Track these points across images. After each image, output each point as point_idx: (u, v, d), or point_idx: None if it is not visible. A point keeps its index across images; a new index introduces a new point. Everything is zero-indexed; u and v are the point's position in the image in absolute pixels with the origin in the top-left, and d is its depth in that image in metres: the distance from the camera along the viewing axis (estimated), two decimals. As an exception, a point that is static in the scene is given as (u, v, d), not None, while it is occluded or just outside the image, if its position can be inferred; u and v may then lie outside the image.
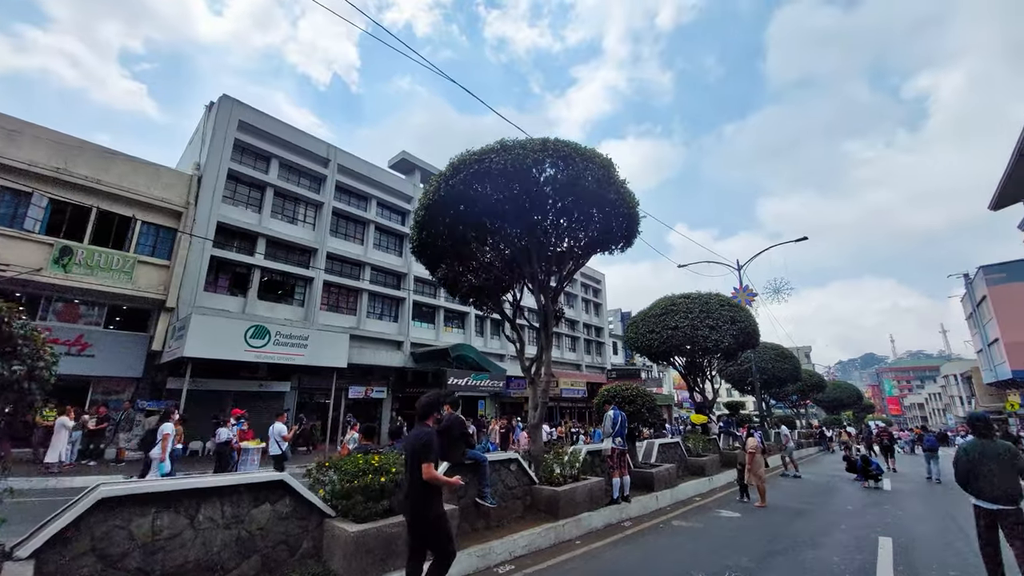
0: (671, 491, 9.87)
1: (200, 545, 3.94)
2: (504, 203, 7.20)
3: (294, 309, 20.34)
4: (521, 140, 6.53)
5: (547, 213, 7.43)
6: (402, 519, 4.66)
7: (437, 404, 4.17)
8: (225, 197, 18.72)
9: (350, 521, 4.53)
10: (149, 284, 16.15)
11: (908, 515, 9.16)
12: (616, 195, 7.00)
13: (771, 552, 6.50)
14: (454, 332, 27.80)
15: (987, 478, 4.61)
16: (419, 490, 3.70)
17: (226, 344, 14.40)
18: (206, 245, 17.30)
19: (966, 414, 22.58)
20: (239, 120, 19.15)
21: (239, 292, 18.96)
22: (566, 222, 7.67)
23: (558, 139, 6.52)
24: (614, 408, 8.74)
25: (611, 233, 7.96)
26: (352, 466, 4.73)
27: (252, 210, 19.80)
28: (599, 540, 6.80)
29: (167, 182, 17.18)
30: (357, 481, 4.62)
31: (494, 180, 6.73)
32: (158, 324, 16.26)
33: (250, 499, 4.30)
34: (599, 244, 8.32)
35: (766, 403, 30.79)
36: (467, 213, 7.27)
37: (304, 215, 21.54)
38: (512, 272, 8.71)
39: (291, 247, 20.64)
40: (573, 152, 6.55)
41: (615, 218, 7.55)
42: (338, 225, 22.86)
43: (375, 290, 23.29)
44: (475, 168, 6.58)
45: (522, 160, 6.29)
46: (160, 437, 9.20)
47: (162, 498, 3.88)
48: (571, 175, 6.61)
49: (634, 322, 16.76)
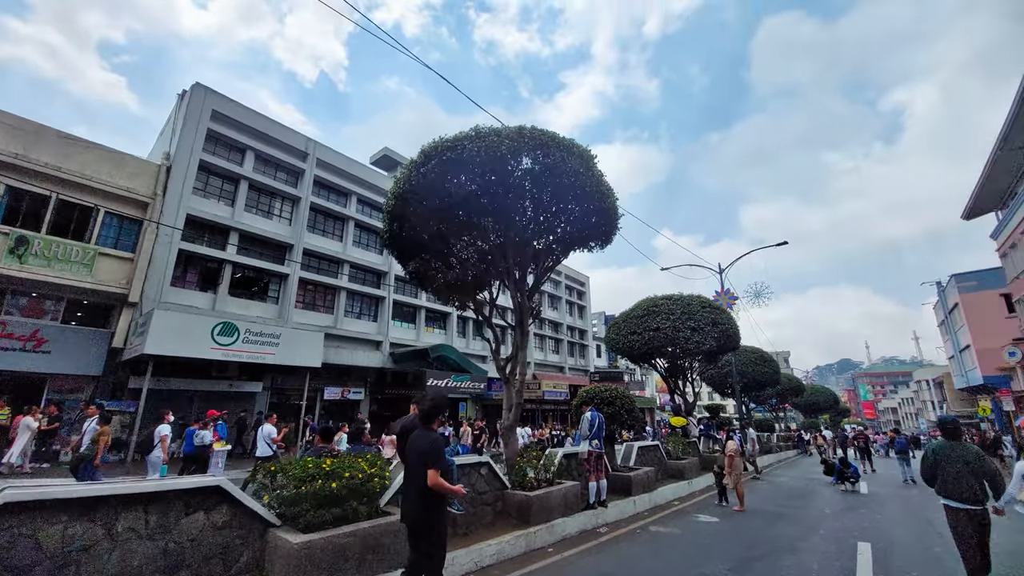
0: (649, 495, 9.63)
1: (118, 559, 3.50)
2: (480, 195, 6.88)
3: (268, 307, 19.65)
4: (496, 128, 6.21)
5: (524, 206, 7.12)
6: (356, 528, 4.30)
7: (443, 407, 3.98)
8: (196, 189, 17.99)
9: (295, 531, 4.13)
10: (111, 278, 15.37)
11: (886, 519, 9.08)
12: (595, 187, 6.72)
13: (749, 559, 6.29)
14: (435, 333, 27.32)
15: (956, 480, 4.78)
16: (424, 497, 3.54)
17: (191, 341, 13.74)
18: (174, 238, 16.57)
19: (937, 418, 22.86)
20: (212, 110, 18.45)
21: (209, 288, 18.22)
22: (544, 216, 7.37)
23: (535, 127, 6.21)
24: (592, 410, 8.46)
25: (590, 228, 7.69)
26: (301, 470, 4.33)
27: (225, 203, 19.09)
28: (573, 547, 6.49)
29: (133, 171, 16.41)
30: (306, 487, 4.22)
31: (468, 169, 6.40)
32: (120, 320, 15.49)
33: (181, 507, 3.87)
34: (578, 241, 8.05)
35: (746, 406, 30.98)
36: (440, 204, 6.92)
37: (280, 210, 20.87)
38: (489, 268, 8.38)
39: (266, 242, 19.95)
40: (550, 141, 6.26)
41: (594, 213, 7.28)
42: (316, 221, 22.23)
43: (354, 288, 22.70)
44: (448, 155, 6.24)
45: (496, 147, 5.97)
46: (158, 440, 9.02)
47: (76, 505, 3.43)
48: (548, 165, 6.31)
49: (616, 323, 16.57)
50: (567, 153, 6.37)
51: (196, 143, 17.74)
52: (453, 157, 6.23)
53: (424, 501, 3.55)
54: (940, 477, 4.90)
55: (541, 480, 7.29)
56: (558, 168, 6.56)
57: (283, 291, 20.09)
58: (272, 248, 20.21)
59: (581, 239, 8.05)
